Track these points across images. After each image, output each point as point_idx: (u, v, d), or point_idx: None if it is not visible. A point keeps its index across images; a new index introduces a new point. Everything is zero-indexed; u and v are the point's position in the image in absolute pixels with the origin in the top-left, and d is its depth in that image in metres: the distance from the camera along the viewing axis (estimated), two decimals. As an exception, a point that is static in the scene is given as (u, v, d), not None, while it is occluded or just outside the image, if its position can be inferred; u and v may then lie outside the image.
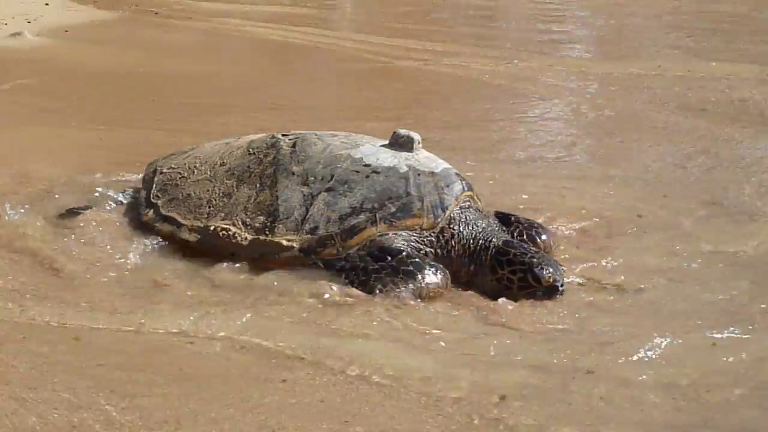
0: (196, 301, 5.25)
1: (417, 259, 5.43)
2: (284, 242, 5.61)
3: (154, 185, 6.21)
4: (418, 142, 5.90)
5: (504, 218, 5.98)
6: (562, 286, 5.44)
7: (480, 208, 5.86)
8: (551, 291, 5.42)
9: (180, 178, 6.15)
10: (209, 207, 5.89)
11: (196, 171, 6.13)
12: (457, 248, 5.66)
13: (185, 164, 6.23)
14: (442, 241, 5.65)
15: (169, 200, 6.05)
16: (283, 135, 6.13)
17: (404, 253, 5.44)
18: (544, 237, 5.94)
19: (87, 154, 7.73)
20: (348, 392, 4.39)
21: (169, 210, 6.00)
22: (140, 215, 6.12)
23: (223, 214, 5.81)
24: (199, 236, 5.80)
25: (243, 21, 14.75)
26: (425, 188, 5.68)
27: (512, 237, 5.82)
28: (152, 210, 6.07)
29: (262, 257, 5.62)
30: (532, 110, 10.07)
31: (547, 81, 11.27)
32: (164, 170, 6.29)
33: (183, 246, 5.84)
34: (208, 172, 6.07)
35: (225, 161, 6.08)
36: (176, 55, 12.29)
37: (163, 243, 5.87)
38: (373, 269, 5.38)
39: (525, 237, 5.88)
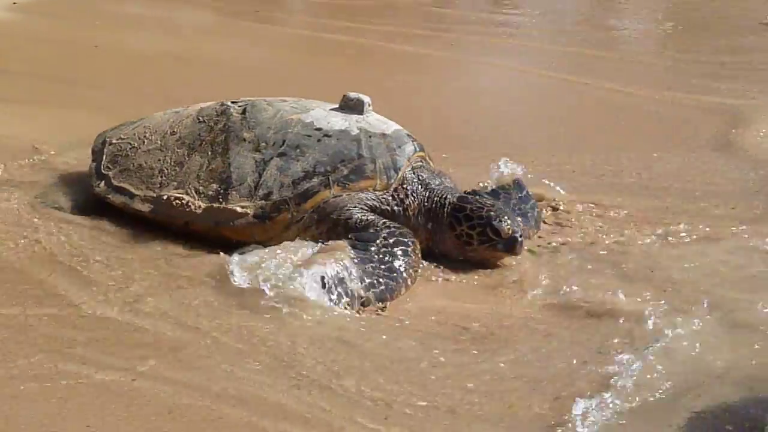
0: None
1: (397, 239, 5.36)
2: (238, 209, 5.60)
3: (104, 156, 6.17)
4: (369, 105, 5.90)
5: (493, 193, 6.03)
6: (521, 237, 5.49)
7: (432, 169, 5.88)
8: (511, 242, 5.48)
9: (130, 148, 6.10)
10: (161, 177, 5.86)
11: (146, 141, 6.09)
12: (413, 207, 5.68)
13: (135, 134, 6.19)
14: (398, 200, 5.67)
15: (120, 171, 6.02)
16: (232, 102, 6.10)
17: (382, 235, 5.36)
18: (535, 212, 6.02)
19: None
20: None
21: (121, 181, 5.97)
22: (91, 187, 6.07)
23: (175, 183, 5.79)
24: (152, 206, 5.78)
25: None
26: (377, 150, 5.69)
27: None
28: (103, 181, 6.04)
29: (216, 225, 5.62)
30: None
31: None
32: (113, 141, 6.24)
33: (136, 217, 5.83)
34: (159, 142, 6.03)
35: (175, 130, 6.04)
36: (136, 29, 12.07)
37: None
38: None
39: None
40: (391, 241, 5.34)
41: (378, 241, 5.31)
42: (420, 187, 5.72)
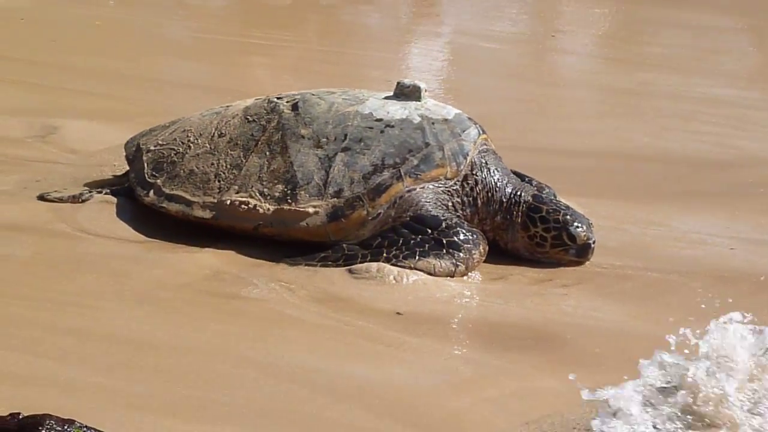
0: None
1: (459, 229, 5.35)
2: (310, 209, 5.46)
3: (145, 164, 5.92)
4: (425, 90, 5.80)
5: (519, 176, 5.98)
6: (593, 243, 5.49)
7: (495, 151, 5.82)
8: (584, 249, 5.48)
9: (175, 154, 5.87)
10: (219, 181, 5.67)
11: (192, 145, 5.86)
12: (482, 195, 5.62)
13: (176, 139, 5.96)
14: (467, 189, 5.60)
15: (169, 178, 5.78)
16: (277, 98, 5.92)
17: (444, 224, 5.35)
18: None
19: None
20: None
21: (173, 188, 5.74)
22: (139, 197, 5.83)
23: (236, 187, 5.60)
24: (214, 212, 5.59)
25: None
26: (442, 136, 5.60)
27: None
28: (152, 190, 5.79)
29: (288, 227, 5.47)
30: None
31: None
32: (152, 147, 6.00)
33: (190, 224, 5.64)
34: (208, 145, 5.82)
35: (223, 132, 5.83)
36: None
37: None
38: (415, 243, 5.29)
39: None
40: (453, 223, 5.36)
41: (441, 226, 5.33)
42: (488, 172, 5.66)
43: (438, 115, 5.70)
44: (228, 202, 5.57)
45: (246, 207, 5.53)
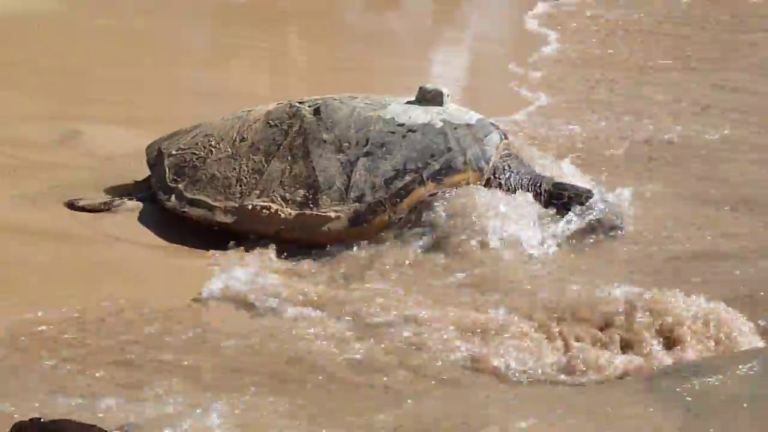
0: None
1: None
2: (332, 214, 5.46)
3: (167, 169, 5.91)
4: (447, 95, 5.78)
5: None
6: (621, 222, 5.48)
7: (518, 155, 5.80)
8: (612, 230, 5.46)
9: (197, 158, 5.87)
10: (240, 186, 5.66)
11: (214, 150, 5.85)
12: None
13: (197, 143, 5.95)
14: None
15: (191, 183, 5.78)
16: (299, 103, 5.91)
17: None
18: None
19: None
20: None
21: (195, 193, 5.74)
22: (160, 202, 5.82)
23: (258, 192, 5.59)
24: (236, 217, 5.58)
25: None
26: (464, 141, 5.59)
27: None
28: (173, 195, 5.79)
29: (309, 232, 5.45)
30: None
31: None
32: (173, 152, 5.99)
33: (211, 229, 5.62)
34: (229, 150, 5.81)
35: (245, 136, 5.82)
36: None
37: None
38: None
39: None
40: None
41: None
42: (511, 176, 5.64)
43: (460, 120, 5.69)
44: (250, 206, 5.56)
45: (268, 212, 5.52)
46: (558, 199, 5.55)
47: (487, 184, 5.59)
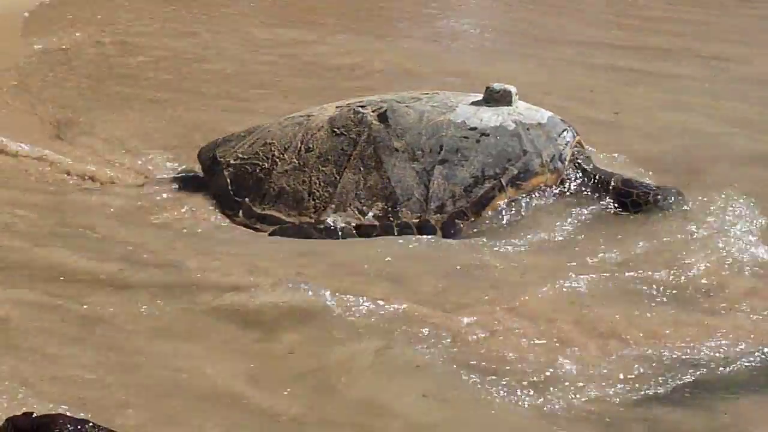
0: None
1: None
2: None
3: (229, 181, 5.78)
4: (516, 94, 5.70)
5: None
6: (670, 206, 5.53)
7: (586, 151, 5.78)
8: (659, 207, 5.53)
9: (260, 170, 5.74)
10: (314, 200, 5.56)
11: (279, 161, 5.73)
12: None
13: (257, 153, 5.82)
14: (564, 190, 5.57)
15: (259, 196, 5.66)
16: (361, 107, 5.77)
17: None
18: None
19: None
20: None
21: (264, 208, 5.63)
22: (226, 216, 5.71)
23: (333, 206, 5.50)
24: (315, 234, 5.49)
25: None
26: (539, 142, 5.54)
27: None
28: (241, 210, 5.67)
29: (390, 245, 5.40)
30: None
31: None
32: (233, 161, 5.85)
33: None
34: (296, 161, 5.69)
35: (311, 146, 5.70)
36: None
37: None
38: None
39: None
40: None
41: None
42: (583, 172, 5.63)
43: (532, 120, 5.63)
44: (326, 222, 5.47)
45: (346, 228, 5.44)
46: (626, 197, 5.55)
47: (562, 182, 5.57)
